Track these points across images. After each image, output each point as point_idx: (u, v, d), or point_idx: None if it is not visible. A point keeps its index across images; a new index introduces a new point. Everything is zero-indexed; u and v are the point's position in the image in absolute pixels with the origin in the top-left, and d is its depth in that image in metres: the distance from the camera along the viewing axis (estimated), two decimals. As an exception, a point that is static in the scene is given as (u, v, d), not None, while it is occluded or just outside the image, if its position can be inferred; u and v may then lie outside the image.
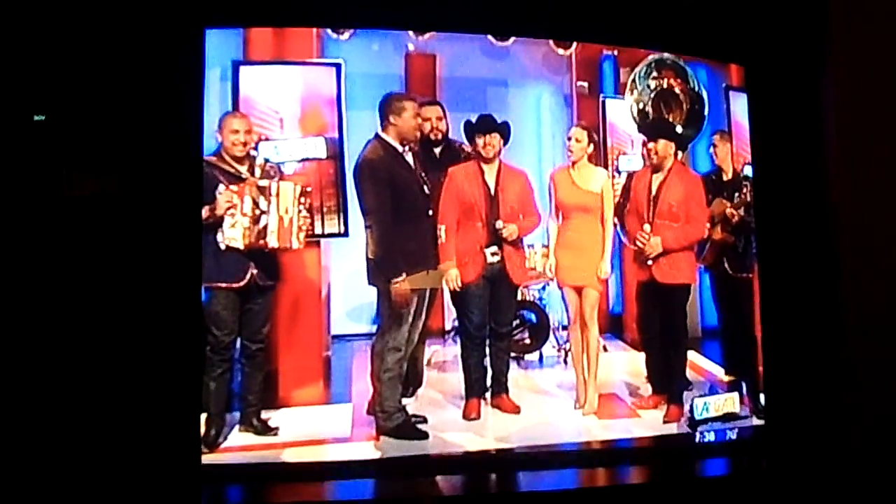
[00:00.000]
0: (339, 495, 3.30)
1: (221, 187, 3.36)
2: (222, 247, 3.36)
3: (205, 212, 3.29)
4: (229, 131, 3.42)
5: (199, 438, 3.13)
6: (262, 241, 3.39)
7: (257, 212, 3.38)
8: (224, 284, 3.39)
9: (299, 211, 3.46)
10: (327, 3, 3.37)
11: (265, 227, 3.39)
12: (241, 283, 3.42)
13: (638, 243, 3.83)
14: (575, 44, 4.02)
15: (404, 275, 3.53)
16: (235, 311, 3.43)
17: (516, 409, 3.78)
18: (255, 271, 3.43)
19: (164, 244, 2.99)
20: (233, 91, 3.51)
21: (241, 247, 3.38)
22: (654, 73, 3.97)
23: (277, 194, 3.42)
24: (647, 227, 3.82)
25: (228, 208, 3.35)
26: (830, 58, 3.57)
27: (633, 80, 3.99)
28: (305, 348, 3.76)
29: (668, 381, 3.87)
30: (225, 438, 3.37)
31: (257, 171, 3.46)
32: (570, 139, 3.89)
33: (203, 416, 3.25)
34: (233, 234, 3.37)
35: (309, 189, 3.53)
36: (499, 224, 3.74)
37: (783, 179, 3.69)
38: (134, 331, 2.93)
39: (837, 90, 3.56)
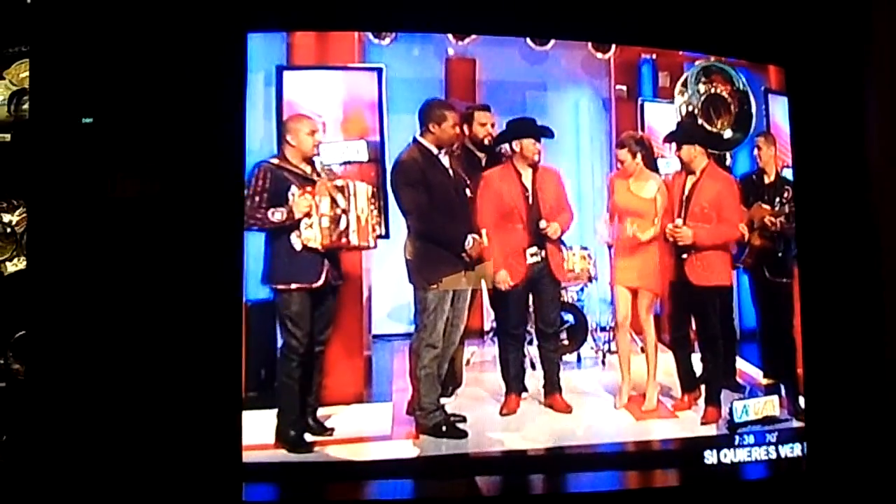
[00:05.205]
0: (378, 493, 3.18)
1: (294, 189, 3.26)
2: (297, 247, 3.26)
3: (281, 214, 3.22)
4: (307, 133, 3.32)
5: (240, 436, 3.00)
6: (344, 240, 3.31)
7: (338, 211, 3.29)
8: (300, 285, 3.28)
9: (371, 210, 3.37)
10: (369, 8, 3.27)
11: (347, 227, 3.30)
12: (319, 283, 3.31)
13: (669, 237, 3.67)
14: (614, 47, 3.88)
15: (440, 275, 3.45)
16: (311, 311, 3.31)
17: (568, 409, 3.62)
18: (329, 271, 3.33)
19: (206, 245, 2.91)
20: (277, 95, 3.41)
21: (320, 247, 3.28)
22: (704, 78, 3.80)
23: (355, 193, 3.32)
24: (678, 220, 3.67)
25: (308, 213, 3.26)
26: (873, 59, 3.42)
27: (683, 84, 3.82)
28: (350, 347, 3.64)
29: (699, 381, 3.70)
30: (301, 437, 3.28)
31: (322, 173, 3.37)
32: (618, 161, 3.79)
33: (281, 416, 3.23)
34: (311, 235, 3.26)
35: (377, 190, 3.46)
36: (542, 224, 3.65)
37: (824, 183, 3.52)
38: (174, 330, 2.86)
39: (880, 92, 3.40)
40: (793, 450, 3.49)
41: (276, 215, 3.21)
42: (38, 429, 2.83)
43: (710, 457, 3.43)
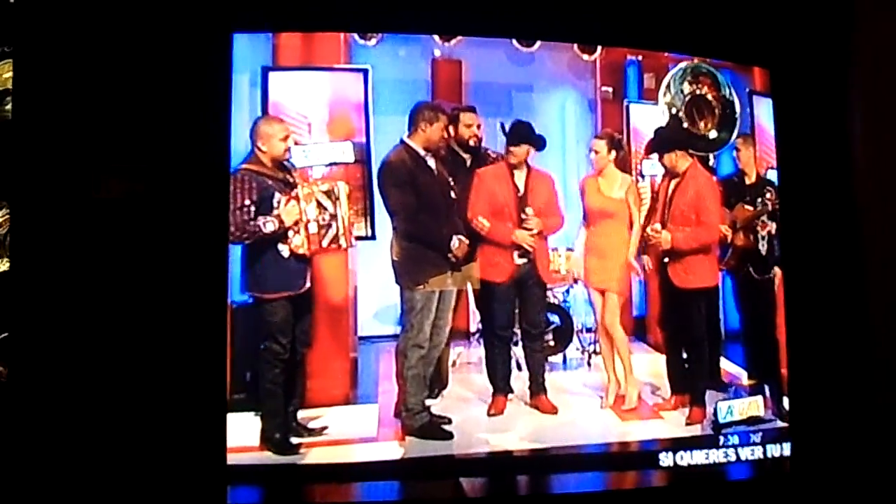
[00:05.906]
0: (363, 495, 3.17)
1: (278, 196, 3.20)
2: (285, 254, 3.22)
3: (273, 224, 3.17)
4: (279, 139, 3.26)
5: (224, 438, 2.98)
6: (334, 245, 3.28)
7: (326, 216, 3.25)
8: (287, 293, 3.25)
9: (352, 211, 3.35)
10: (355, 9, 3.23)
11: (337, 231, 3.27)
12: (303, 290, 3.28)
13: (647, 241, 3.71)
14: (599, 49, 3.88)
15: (427, 276, 3.45)
16: (294, 317, 3.28)
17: (554, 410, 3.63)
18: (314, 275, 3.31)
19: (191, 247, 2.88)
20: (262, 96, 3.39)
21: (308, 252, 3.24)
22: (689, 78, 3.81)
23: (339, 196, 3.29)
24: (657, 225, 3.68)
25: (297, 220, 3.22)
26: (857, 60, 3.41)
27: (667, 86, 3.83)
28: (335, 349, 3.63)
29: (686, 383, 3.69)
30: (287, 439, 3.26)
31: (296, 176, 3.33)
32: (590, 151, 3.80)
33: (266, 419, 3.21)
34: (299, 241, 3.22)
35: (363, 191, 3.49)
36: (528, 210, 3.64)
37: (809, 184, 3.52)
38: (159, 332, 2.83)
39: (863, 93, 3.41)
40: (777, 450, 3.49)
41: (269, 226, 3.16)
42: (22, 431, 2.79)
43: (694, 457, 3.43)
